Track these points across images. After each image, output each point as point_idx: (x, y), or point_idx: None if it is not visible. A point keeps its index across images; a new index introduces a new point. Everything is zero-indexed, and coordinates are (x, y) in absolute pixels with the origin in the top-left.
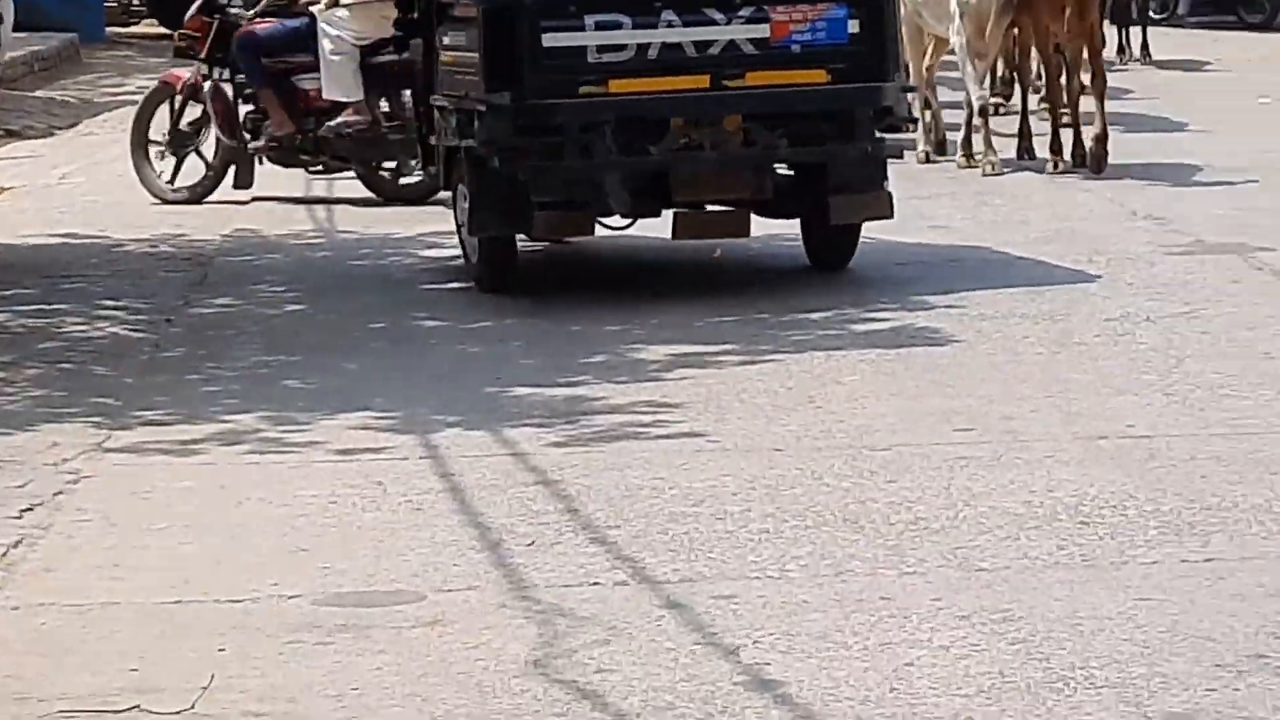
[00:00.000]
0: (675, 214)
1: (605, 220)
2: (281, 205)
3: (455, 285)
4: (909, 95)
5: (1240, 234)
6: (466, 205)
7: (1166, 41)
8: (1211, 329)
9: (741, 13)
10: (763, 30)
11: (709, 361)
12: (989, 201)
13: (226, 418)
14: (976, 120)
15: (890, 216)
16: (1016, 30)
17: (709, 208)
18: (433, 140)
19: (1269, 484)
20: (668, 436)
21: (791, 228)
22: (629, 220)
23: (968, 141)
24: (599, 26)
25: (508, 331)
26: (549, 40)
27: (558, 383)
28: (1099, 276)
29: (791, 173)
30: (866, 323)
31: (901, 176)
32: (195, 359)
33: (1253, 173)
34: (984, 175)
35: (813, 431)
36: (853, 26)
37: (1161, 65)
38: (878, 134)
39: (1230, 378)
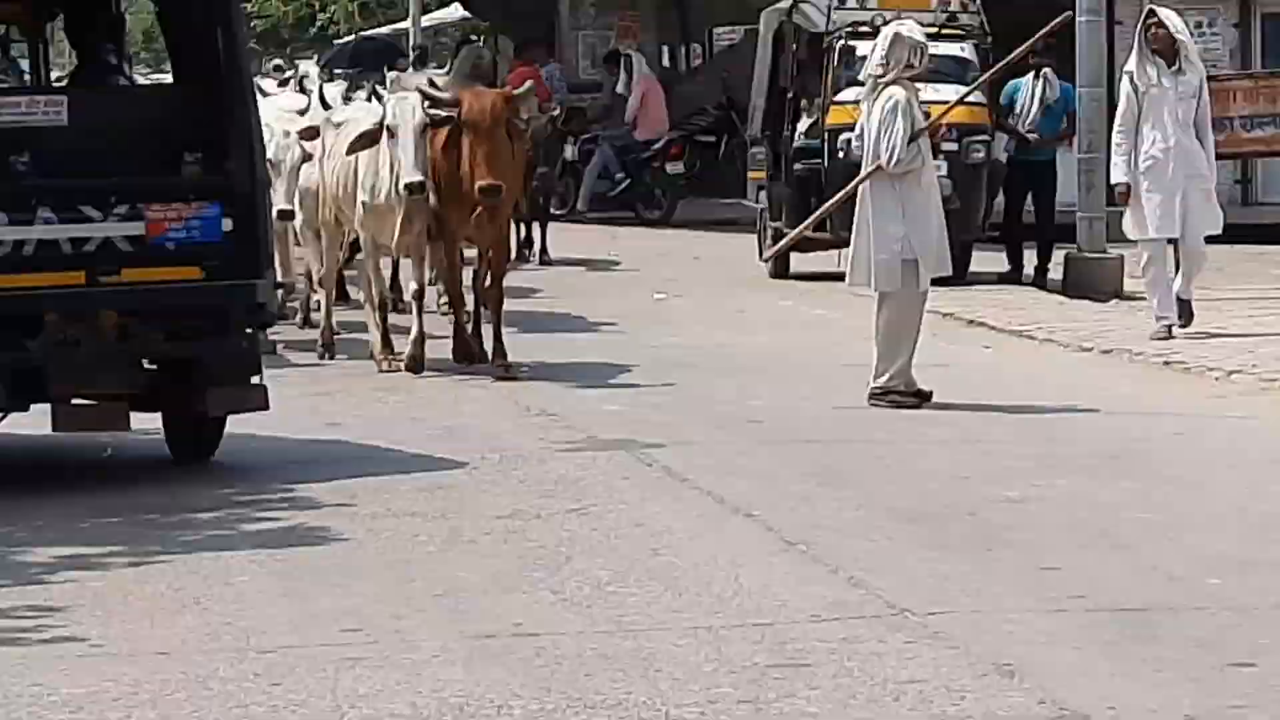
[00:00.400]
0: (54, 407)
1: None
2: None
3: None
4: (280, 291)
5: (632, 431)
6: None
7: (568, 238)
8: (601, 525)
9: (117, 210)
10: (138, 228)
11: (95, 564)
12: (384, 399)
13: None
14: (375, 317)
15: (266, 408)
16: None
17: (84, 401)
18: None
19: (652, 680)
20: (50, 641)
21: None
22: (2, 414)
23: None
24: None
25: None
26: None
27: None
28: (491, 474)
29: (155, 367)
30: (257, 522)
31: (300, 373)
32: None
33: (645, 369)
34: (379, 372)
35: (199, 634)
36: (226, 225)
37: (564, 263)
38: (251, 329)
39: (618, 574)
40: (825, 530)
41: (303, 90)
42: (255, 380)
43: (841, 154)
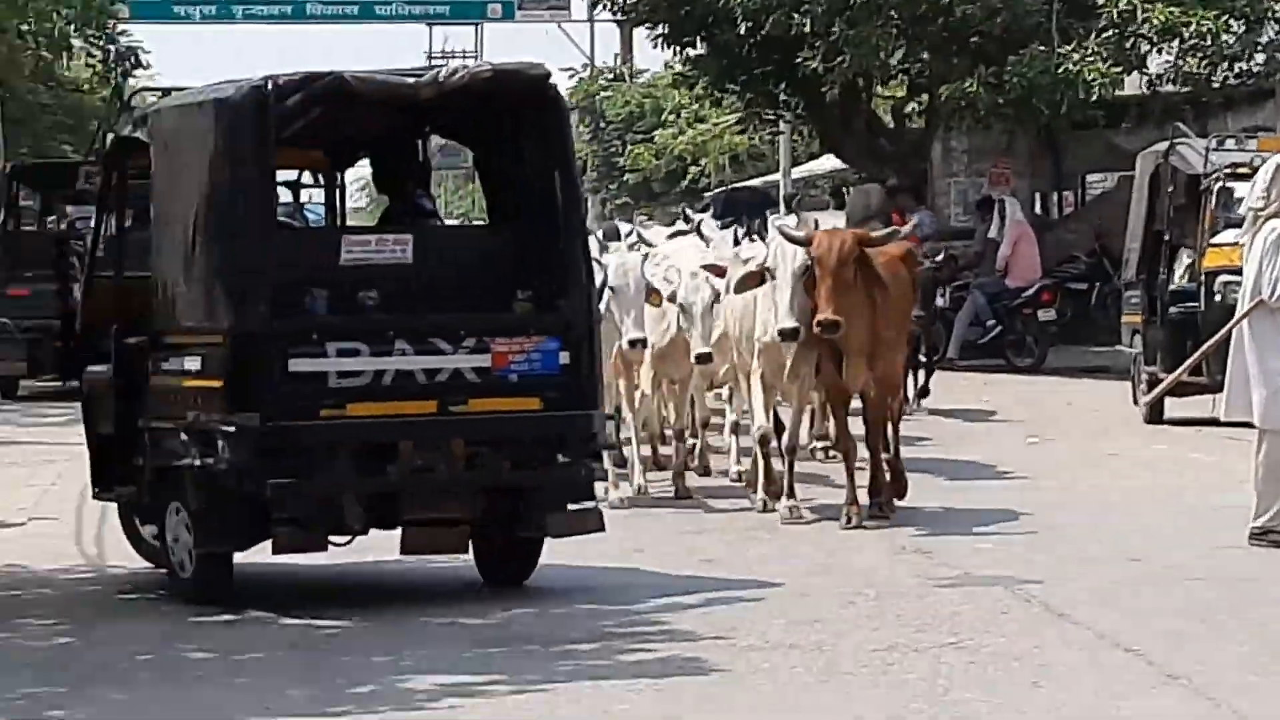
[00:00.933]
0: (404, 531)
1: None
2: (50, 540)
3: (225, 617)
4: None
5: (1007, 568)
6: (186, 522)
7: (939, 385)
8: (979, 659)
9: (466, 343)
10: (485, 360)
11: (477, 691)
12: (756, 537)
13: None
14: (759, 454)
15: (602, 530)
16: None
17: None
18: (138, 461)
19: None
20: None
21: (566, 556)
22: (349, 539)
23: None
24: (340, 354)
25: (276, 663)
26: (294, 365)
27: (327, 712)
28: (867, 609)
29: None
30: (635, 653)
31: (672, 511)
32: None
33: (1019, 510)
34: (758, 513)
35: None
36: (563, 358)
37: (937, 411)
38: (587, 457)
39: (997, 707)
40: (1208, 666)
41: (701, 237)
42: (590, 504)
43: (1219, 297)
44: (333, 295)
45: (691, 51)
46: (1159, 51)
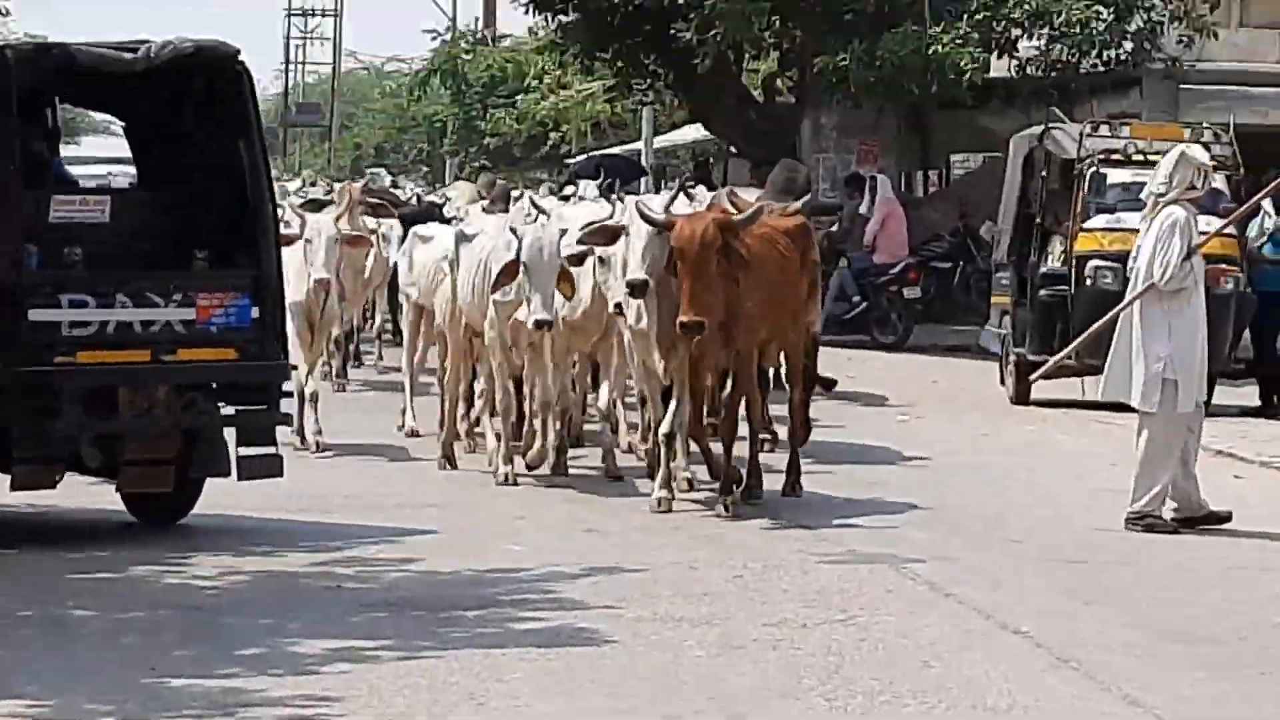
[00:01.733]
0: (124, 469)
1: None
2: None
3: (104, 575)
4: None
5: (890, 545)
6: None
7: None
8: (869, 637)
9: (175, 297)
10: (191, 313)
11: (367, 656)
12: (639, 509)
13: None
14: (652, 446)
15: (281, 475)
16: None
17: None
18: None
19: None
20: None
21: (442, 523)
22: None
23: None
24: (71, 304)
25: (161, 621)
26: (34, 315)
27: (215, 674)
28: (754, 583)
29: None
30: (525, 622)
31: (563, 493)
32: None
33: (897, 488)
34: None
35: None
36: (254, 313)
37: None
38: (275, 404)
39: (889, 685)
40: (1094, 648)
41: (610, 203)
42: (273, 450)
43: (1089, 281)
44: (41, 251)
45: (563, 18)
46: (1029, 36)
